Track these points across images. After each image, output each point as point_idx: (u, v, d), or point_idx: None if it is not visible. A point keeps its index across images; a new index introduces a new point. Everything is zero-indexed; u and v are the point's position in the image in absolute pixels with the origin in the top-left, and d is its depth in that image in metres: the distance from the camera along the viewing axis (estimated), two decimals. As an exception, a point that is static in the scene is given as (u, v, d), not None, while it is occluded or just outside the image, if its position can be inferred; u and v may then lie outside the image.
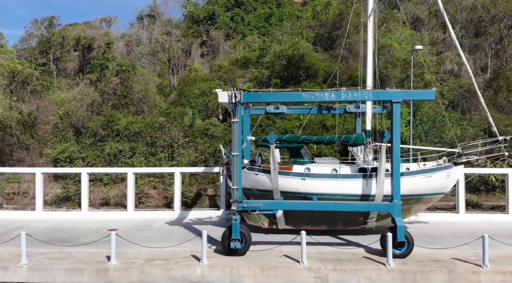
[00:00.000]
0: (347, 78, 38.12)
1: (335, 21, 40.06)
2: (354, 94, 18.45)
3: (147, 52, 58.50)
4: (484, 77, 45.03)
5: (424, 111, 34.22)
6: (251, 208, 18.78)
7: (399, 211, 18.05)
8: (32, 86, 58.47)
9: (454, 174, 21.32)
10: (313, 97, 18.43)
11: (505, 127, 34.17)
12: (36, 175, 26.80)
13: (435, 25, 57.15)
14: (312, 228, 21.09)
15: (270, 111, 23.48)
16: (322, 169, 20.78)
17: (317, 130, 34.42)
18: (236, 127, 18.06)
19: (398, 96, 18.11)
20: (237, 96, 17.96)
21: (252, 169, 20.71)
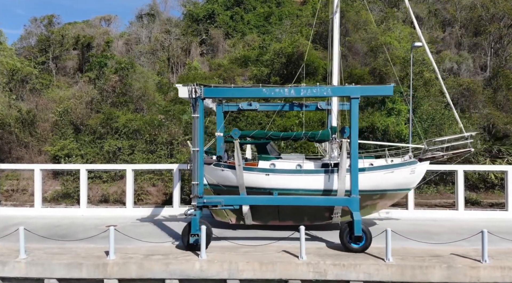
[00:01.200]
0: (347, 76, 38.03)
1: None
2: (313, 91, 18.52)
3: (147, 51, 58.45)
4: (484, 76, 45.02)
5: (423, 109, 34.18)
6: (212, 203, 19.02)
7: (357, 206, 18.25)
8: (31, 84, 58.45)
9: (418, 169, 21.40)
10: (273, 93, 18.60)
11: (504, 125, 34.19)
12: (35, 171, 26.75)
13: (434, 24, 57.20)
14: (279, 223, 21.35)
15: (243, 107, 23.57)
16: (287, 165, 21.00)
17: (316, 128, 34.37)
18: (197, 123, 18.16)
19: (356, 92, 18.30)
20: (197, 92, 18.11)
21: (218, 165, 20.97)
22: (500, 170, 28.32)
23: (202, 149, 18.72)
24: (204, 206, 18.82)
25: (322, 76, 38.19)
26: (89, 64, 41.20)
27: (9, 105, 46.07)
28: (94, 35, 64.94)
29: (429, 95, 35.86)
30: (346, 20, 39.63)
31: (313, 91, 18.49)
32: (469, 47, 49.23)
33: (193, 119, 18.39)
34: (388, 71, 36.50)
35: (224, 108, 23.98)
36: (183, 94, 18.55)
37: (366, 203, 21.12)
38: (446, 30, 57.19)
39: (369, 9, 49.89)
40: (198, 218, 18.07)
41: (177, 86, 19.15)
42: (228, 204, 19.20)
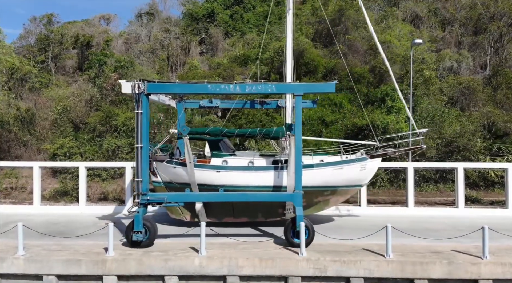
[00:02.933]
0: (346, 74, 37.99)
1: (335, 17, 39.97)
2: (258, 87, 18.43)
3: (146, 50, 58.39)
4: (483, 75, 44.96)
5: (423, 107, 34.13)
6: (156, 200, 19.00)
7: (300, 201, 18.32)
8: (31, 83, 58.39)
9: (369, 166, 21.44)
10: (218, 89, 18.55)
11: (504, 123, 34.12)
12: (33, 168, 26.61)
13: (434, 23, 57.12)
14: (234, 220, 21.39)
15: (204, 105, 23.65)
16: (239, 162, 21.09)
17: (316, 126, 34.32)
18: (140, 119, 18.05)
19: (300, 89, 18.42)
20: (140, 87, 17.98)
21: (170, 162, 20.93)
22: (500, 167, 28.25)
23: (147, 145, 18.58)
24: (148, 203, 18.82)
25: (322, 74, 38.13)
26: (88, 62, 41.01)
27: (9, 103, 46.01)
28: (93, 34, 64.89)
29: (429, 94, 35.79)
30: (345, 18, 39.55)
31: (258, 88, 18.47)
32: (469, 46, 49.13)
33: (136, 115, 18.23)
34: (388, 69, 36.35)
35: (185, 105, 24.14)
36: (126, 90, 18.39)
37: (318, 199, 21.42)
38: (446, 29, 57.21)
39: (369, 8, 50.06)
40: (141, 215, 17.95)
41: (120, 82, 18.92)
42: (172, 201, 19.16)
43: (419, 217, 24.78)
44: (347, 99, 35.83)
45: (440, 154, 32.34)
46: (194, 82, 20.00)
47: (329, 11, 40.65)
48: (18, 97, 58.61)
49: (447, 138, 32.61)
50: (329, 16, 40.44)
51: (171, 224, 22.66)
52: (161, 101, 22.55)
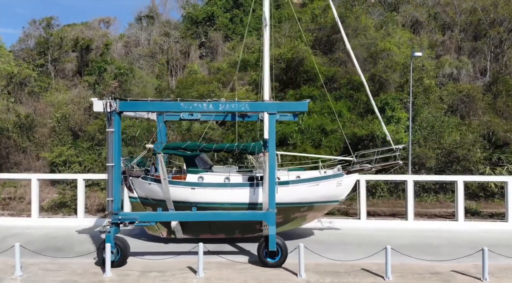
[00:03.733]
0: (346, 82, 37.88)
1: (334, 24, 39.73)
2: (232, 106, 18.50)
3: (146, 54, 58.22)
4: (483, 81, 44.81)
5: (423, 117, 33.96)
6: (127, 220, 18.86)
7: (273, 220, 18.14)
8: (30, 87, 58.21)
9: (346, 182, 21.33)
10: (191, 107, 18.51)
11: (504, 132, 33.96)
12: (32, 181, 26.45)
13: (434, 28, 56.95)
14: (211, 236, 21.22)
15: (184, 117, 23.50)
16: (215, 178, 20.93)
17: (316, 135, 34.12)
18: (112, 137, 17.94)
19: (273, 108, 18.48)
20: (112, 106, 17.88)
21: (145, 178, 20.83)
22: (500, 180, 28.11)
23: (119, 164, 18.44)
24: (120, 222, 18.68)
25: (322, 84, 37.92)
26: (88, 69, 40.86)
27: (8, 108, 45.78)
28: (93, 38, 64.68)
29: (429, 102, 35.63)
30: (345, 26, 39.27)
31: (231, 106, 18.52)
32: (469, 52, 48.97)
33: (107, 134, 18.07)
34: (388, 77, 36.28)
35: (165, 117, 24.01)
36: (98, 109, 18.29)
37: (295, 215, 21.29)
38: (445, 33, 57.04)
39: (369, 13, 49.89)
40: (112, 235, 17.81)
41: (92, 100, 18.83)
42: (144, 221, 19.06)
43: (419, 231, 24.59)
44: (346, 108, 35.65)
45: (440, 164, 32.18)
46: (167, 101, 20.05)
47: (328, 18, 40.48)
48: (18, 101, 58.48)
49: (447, 149, 32.43)
50: (328, 23, 40.32)
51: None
52: (139, 115, 22.55)
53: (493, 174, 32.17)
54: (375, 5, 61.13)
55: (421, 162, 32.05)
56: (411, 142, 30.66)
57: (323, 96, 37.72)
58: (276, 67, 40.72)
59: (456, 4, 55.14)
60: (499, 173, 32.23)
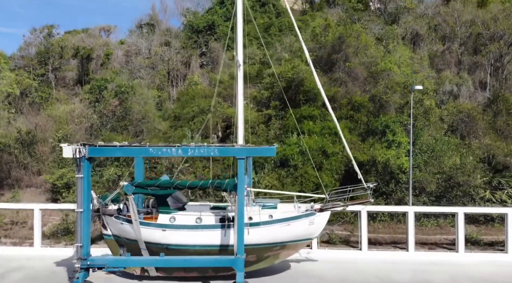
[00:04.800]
0: (347, 102, 37.79)
1: (334, 44, 39.68)
2: (201, 151, 18.94)
3: (146, 65, 58.06)
4: (484, 96, 44.74)
5: (423, 140, 33.91)
6: (96, 265, 18.98)
7: (242, 266, 18.37)
8: (31, 98, 58.11)
9: (318, 220, 21.39)
10: (160, 152, 18.94)
11: (504, 157, 33.92)
12: (34, 211, 26.36)
13: (434, 38, 56.81)
14: (185, 274, 21.12)
15: None
16: (187, 219, 20.72)
17: (316, 157, 34.00)
18: (81, 183, 17.95)
19: (241, 153, 18.95)
20: (81, 152, 17.97)
21: (118, 218, 20.76)
22: (500, 212, 28.10)
23: (88, 210, 18.56)
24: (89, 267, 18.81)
25: (322, 102, 37.82)
26: (89, 87, 40.73)
27: (8, 121, 45.62)
28: (93, 46, 64.60)
29: (429, 124, 35.59)
30: (346, 46, 39.24)
31: (200, 151, 18.94)
32: (469, 66, 48.89)
33: (76, 180, 18.16)
34: (388, 98, 36.20)
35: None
36: (67, 155, 18.56)
37: (267, 254, 21.27)
38: (446, 43, 56.94)
39: (369, 28, 49.75)
40: (81, 280, 17.98)
41: (62, 145, 19.18)
42: (112, 266, 19.20)
43: (419, 263, 24.54)
44: (347, 130, 35.57)
45: (440, 188, 32.16)
46: (135, 146, 20.13)
47: (329, 37, 40.32)
48: (18, 111, 58.44)
49: (447, 173, 32.40)
50: (329, 43, 40.18)
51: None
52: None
53: (493, 198, 32.21)
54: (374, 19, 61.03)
55: (421, 186, 32.02)
56: (412, 166, 30.59)
57: (324, 116, 37.69)
58: (277, 85, 40.65)
59: (456, 16, 54.96)
60: (499, 197, 32.28)
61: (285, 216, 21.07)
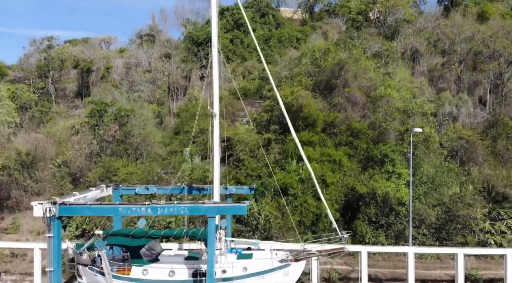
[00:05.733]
0: (346, 128, 37.48)
1: (334, 69, 39.30)
2: (170, 209, 19.09)
3: (147, 80, 57.68)
4: (483, 115, 44.46)
5: (423, 170, 33.65)
6: None
7: None
8: (31, 112, 57.87)
9: (293, 271, 21.32)
10: (129, 211, 19.08)
11: (504, 187, 33.70)
12: (34, 251, 26.19)
13: (434, 51, 56.49)
14: None
15: (140, 192, 24.27)
16: (159, 272, 20.55)
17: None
18: (51, 243, 18.02)
19: (212, 211, 19.14)
20: (52, 211, 17.93)
21: (91, 269, 20.64)
22: (500, 253, 27.95)
23: (59, 269, 18.64)
24: None
25: (321, 128, 37.55)
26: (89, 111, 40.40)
27: (8, 138, 45.08)
28: (93, 59, 64.28)
29: (429, 152, 35.35)
30: (345, 71, 38.88)
31: (170, 210, 19.09)
32: (469, 85, 48.59)
33: (47, 240, 18.04)
34: (388, 126, 35.92)
35: (121, 191, 24.36)
36: (37, 214, 18.35)
37: None
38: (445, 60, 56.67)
39: (369, 47, 49.45)
40: None
41: (32, 204, 18.96)
42: None
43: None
44: (346, 157, 35.31)
45: (440, 220, 31.94)
46: (105, 205, 20.01)
47: (328, 62, 39.91)
48: (18, 125, 58.14)
49: (447, 205, 32.17)
50: (328, 67, 39.86)
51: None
52: (91, 196, 22.41)
53: (492, 229, 32.01)
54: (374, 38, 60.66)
55: (421, 218, 31.81)
56: (412, 198, 30.34)
57: (323, 141, 37.41)
58: (277, 108, 40.31)
59: (456, 32, 54.62)
60: (498, 228, 32.10)
61: (259, 270, 20.90)
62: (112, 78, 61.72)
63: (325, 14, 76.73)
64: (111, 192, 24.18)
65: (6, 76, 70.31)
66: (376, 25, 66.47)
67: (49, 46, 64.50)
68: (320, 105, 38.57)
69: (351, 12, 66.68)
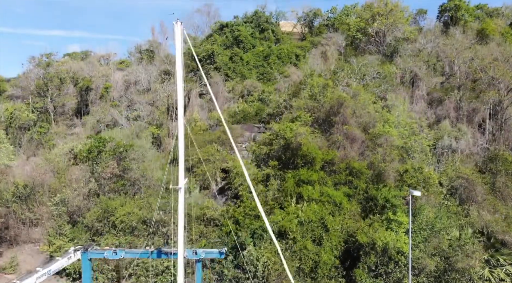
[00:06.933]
0: (345, 167, 36.80)
1: (333, 105, 38.60)
2: None
3: (146, 101, 56.99)
4: (482, 143, 43.87)
5: (423, 216, 33.02)
6: None
7: None
8: (30, 134, 57.27)
9: None
10: None
11: (503, 234, 33.08)
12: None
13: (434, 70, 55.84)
14: None
15: (109, 256, 24.12)
16: None
17: (316, 230, 33.17)
18: None
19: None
20: None
21: None
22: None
23: None
24: None
25: (320, 166, 36.87)
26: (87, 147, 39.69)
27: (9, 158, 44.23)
28: (92, 78, 63.61)
29: (429, 194, 34.75)
30: (343, 109, 38.18)
31: None
32: (468, 112, 47.89)
33: None
34: (387, 167, 35.29)
35: (90, 255, 24.30)
36: None
37: None
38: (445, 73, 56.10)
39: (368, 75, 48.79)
40: None
41: None
42: None
43: None
44: (346, 199, 34.65)
45: (439, 268, 31.37)
46: None
47: (327, 97, 39.21)
48: (17, 145, 57.54)
49: (446, 254, 31.60)
50: (327, 103, 39.20)
51: None
52: (55, 268, 22.18)
53: (491, 277, 31.48)
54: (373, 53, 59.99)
55: (420, 267, 31.28)
56: (411, 246, 29.75)
57: (322, 180, 36.79)
58: (276, 143, 39.66)
59: (455, 56, 53.91)
60: (497, 275, 31.57)
61: None
62: (111, 96, 61.05)
63: (324, 28, 75.82)
64: (80, 256, 23.86)
65: (4, 92, 69.80)
66: (376, 41, 65.70)
67: (48, 63, 63.74)
68: (319, 141, 37.94)
69: (350, 29, 65.93)
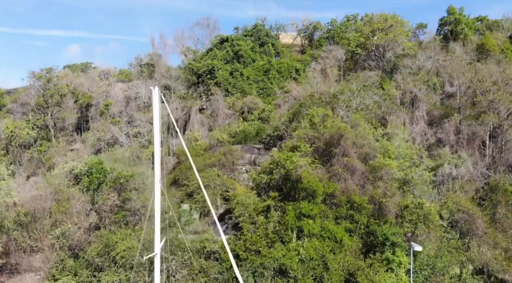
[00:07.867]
0: (346, 200, 36.42)
1: (333, 135, 38.16)
2: None
3: (146, 120, 56.59)
4: (482, 172, 43.52)
5: (423, 256, 32.72)
6: None
7: None
8: (30, 153, 56.85)
9: None
10: None
11: (503, 273, 32.82)
12: None
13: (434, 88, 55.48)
14: None
15: None
16: None
17: (317, 268, 32.76)
18: None
19: None
20: None
21: None
22: None
23: None
24: None
25: (321, 199, 36.47)
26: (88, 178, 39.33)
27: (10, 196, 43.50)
28: (92, 94, 63.22)
29: (429, 231, 34.44)
30: (343, 140, 37.71)
31: None
32: (468, 136, 47.48)
33: None
34: (387, 202, 34.94)
35: None
36: None
37: None
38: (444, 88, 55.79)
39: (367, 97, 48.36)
40: None
41: None
42: None
43: None
44: (347, 235, 34.27)
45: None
46: None
47: (327, 128, 38.78)
48: (17, 163, 57.20)
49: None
50: (327, 134, 38.79)
51: None
52: None
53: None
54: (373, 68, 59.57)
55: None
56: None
57: (323, 213, 36.42)
58: (276, 172, 39.22)
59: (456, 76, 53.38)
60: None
61: None
62: (111, 113, 60.59)
63: (324, 41, 75.22)
64: None
65: (5, 106, 69.35)
66: (375, 56, 65.15)
67: (48, 79, 63.15)
68: (319, 173, 37.53)
69: (350, 44, 65.36)
